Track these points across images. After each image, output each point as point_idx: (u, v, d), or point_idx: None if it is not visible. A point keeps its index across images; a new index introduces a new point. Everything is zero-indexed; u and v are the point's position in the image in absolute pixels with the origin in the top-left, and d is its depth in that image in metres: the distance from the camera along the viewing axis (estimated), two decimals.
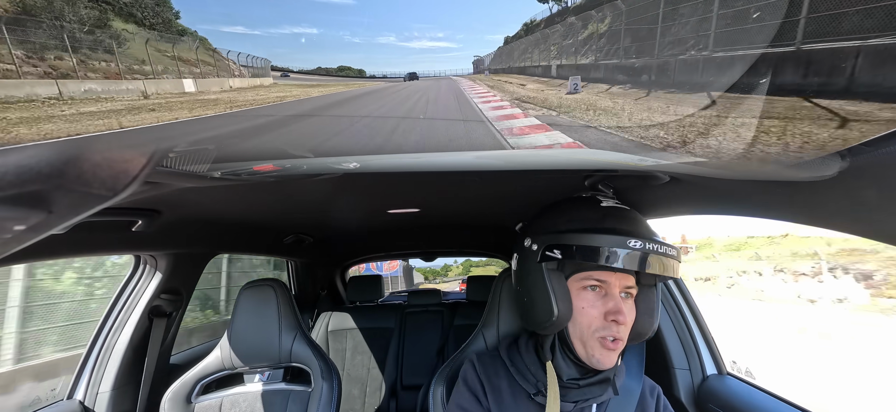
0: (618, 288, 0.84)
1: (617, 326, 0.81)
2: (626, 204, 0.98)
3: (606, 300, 0.83)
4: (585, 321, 0.84)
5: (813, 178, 0.71)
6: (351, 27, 2.32)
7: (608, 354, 0.83)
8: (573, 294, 0.85)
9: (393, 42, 2.31)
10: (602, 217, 0.86)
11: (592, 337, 0.83)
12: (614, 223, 0.84)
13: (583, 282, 0.85)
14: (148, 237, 1.46)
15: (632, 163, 1.02)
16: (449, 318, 2.78)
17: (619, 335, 0.83)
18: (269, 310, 1.56)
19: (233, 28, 2.41)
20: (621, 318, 0.81)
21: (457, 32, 3.54)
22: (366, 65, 2.08)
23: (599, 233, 0.80)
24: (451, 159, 1.15)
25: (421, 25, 2.80)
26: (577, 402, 0.88)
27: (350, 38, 2.19)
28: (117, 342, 1.67)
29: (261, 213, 1.77)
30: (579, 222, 0.86)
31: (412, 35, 2.62)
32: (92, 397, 1.60)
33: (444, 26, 3.39)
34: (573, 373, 0.88)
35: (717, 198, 1.05)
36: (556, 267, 0.86)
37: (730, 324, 8.95)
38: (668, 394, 1.48)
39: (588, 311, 0.84)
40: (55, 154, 0.38)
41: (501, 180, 1.38)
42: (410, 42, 2.45)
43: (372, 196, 1.65)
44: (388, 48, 2.58)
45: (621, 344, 0.84)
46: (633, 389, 0.96)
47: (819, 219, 0.82)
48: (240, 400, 1.55)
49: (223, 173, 0.92)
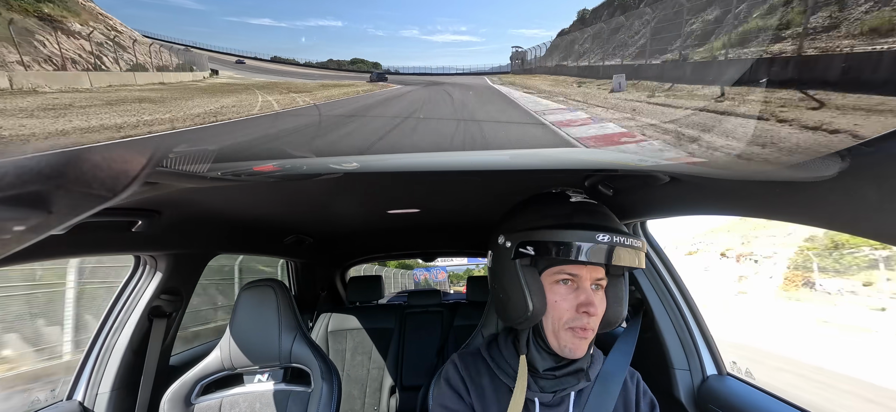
0: (588, 280, 0.87)
1: (588, 317, 0.85)
2: (626, 204, 0.98)
3: (578, 293, 0.87)
4: (557, 314, 0.87)
5: (813, 178, 0.71)
6: (375, 20, 2.20)
7: (579, 343, 0.87)
8: (546, 288, 0.88)
9: (416, 35, 2.19)
10: (571, 212, 0.89)
11: (564, 328, 0.87)
12: (583, 218, 0.87)
13: (555, 276, 0.88)
14: (148, 237, 1.46)
15: (632, 163, 1.02)
16: (449, 319, 2.78)
17: (590, 325, 0.86)
18: (268, 311, 1.56)
19: (260, 20, 2.28)
20: (592, 310, 0.85)
21: (480, 26, 3.36)
22: (388, 59, 1.92)
23: (569, 228, 0.84)
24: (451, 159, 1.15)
25: (444, 19, 2.67)
26: (556, 392, 0.92)
27: (373, 31, 2.09)
28: (117, 343, 1.67)
29: (261, 214, 1.77)
30: (551, 218, 0.88)
31: (436, 29, 2.50)
32: (91, 398, 1.60)
33: (467, 20, 3.19)
34: (548, 363, 0.92)
35: (717, 198, 1.05)
36: (529, 263, 0.89)
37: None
38: (668, 395, 1.49)
39: (560, 304, 0.87)
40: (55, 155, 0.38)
41: (501, 180, 1.38)
42: (433, 35, 2.33)
43: (372, 196, 1.65)
44: (410, 42, 2.45)
45: (592, 333, 0.88)
46: (616, 378, 0.99)
47: (819, 220, 0.82)
48: (240, 400, 1.55)
49: (223, 173, 0.92)
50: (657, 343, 1.53)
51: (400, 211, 1.95)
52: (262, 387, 1.57)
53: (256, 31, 1.12)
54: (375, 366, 2.64)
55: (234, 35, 1.12)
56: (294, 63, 1.30)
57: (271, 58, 1.27)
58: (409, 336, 2.73)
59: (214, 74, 1.46)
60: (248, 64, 1.43)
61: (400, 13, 1.17)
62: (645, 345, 1.58)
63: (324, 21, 1.13)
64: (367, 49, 1.20)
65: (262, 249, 2.59)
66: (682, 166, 0.95)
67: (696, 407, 1.43)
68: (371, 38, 1.15)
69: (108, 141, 1.10)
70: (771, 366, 6.96)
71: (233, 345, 1.54)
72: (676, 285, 1.56)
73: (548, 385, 0.92)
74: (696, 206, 1.18)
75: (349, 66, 1.23)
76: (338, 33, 1.13)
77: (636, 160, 1.00)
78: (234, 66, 1.45)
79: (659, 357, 1.53)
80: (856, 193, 0.67)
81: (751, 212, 0.99)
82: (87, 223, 1.15)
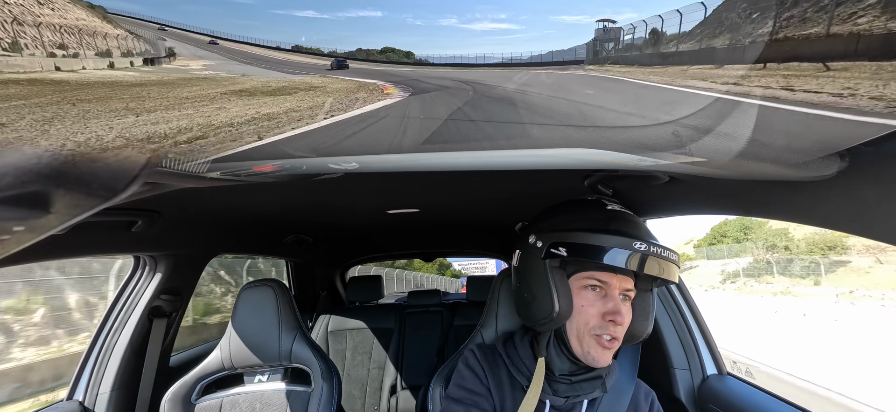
0: (617, 289, 0.86)
1: (614, 326, 0.84)
2: (626, 204, 0.98)
3: (606, 300, 0.85)
4: (584, 319, 0.86)
5: (813, 178, 0.71)
6: (414, 9, 2.16)
7: (604, 352, 0.85)
8: (574, 292, 0.87)
9: (454, 24, 2.15)
10: (608, 219, 0.88)
11: (589, 334, 0.85)
12: (619, 226, 0.86)
13: (584, 281, 0.87)
14: (147, 237, 1.46)
15: (631, 163, 1.02)
16: (449, 319, 2.78)
17: (616, 334, 0.85)
18: (269, 311, 1.56)
19: (304, 12, 2.26)
20: (619, 319, 0.83)
21: (520, 13, 3.27)
22: (423, 48, 1.83)
23: (606, 233, 0.83)
24: (451, 159, 1.15)
25: (484, 6, 2.62)
26: (568, 398, 0.91)
27: (412, 20, 2.05)
28: (117, 343, 1.67)
29: (261, 214, 1.77)
30: (586, 222, 0.88)
31: (474, 17, 2.46)
32: (92, 398, 1.60)
33: (506, 7, 3.10)
34: (566, 367, 0.91)
35: (717, 198, 1.05)
36: (559, 265, 0.88)
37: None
38: (668, 395, 1.49)
39: (587, 310, 0.86)
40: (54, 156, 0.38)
41: (501, 180, 1.38)
42: (472, 24, 2.29)
43: (372, 196, 1.65)
44: (448, 31, 2.41)
45: (617, 343, 0.86)
46: (626, 390, 0.98)
47: (819, 219, 0.82)
48: (240, 400, 1.55)
49: (222, 173, 0.92)
50: (657, 343, 1.53)
51: (399, 210, 1.95)
52: (263, 387, 1.57)
53: (301, 23, 1.11)
54: (375, 366, 2.64)
55: (282, 28, 1.12)
56: (279, 49, 1.23)
57: (293, 47, 1.25)
58: (409, 336, 2.73)
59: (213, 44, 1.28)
60: (220, 45, 1.29)
61: (439, 2, 1.16)
62: (645, 345, 1.58)
63: (364, 12, 1.12)
64: (401, 39, 1.18)
65: (261, 249, 2.59)
66: (682, 166, 0.95)
67: (697, 406, 1.43)
68: (408, 27, 1.14)
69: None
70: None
71: (233, 345, 1.54)
72: (676, 285, 1.56)
73: (562, 389, 0.91)
74: (695, 205, 1.18)
75: (379, 57, 1.21)
76: (377, 24, 1.13)
77: (635, 160, 1.00)
78: (207, 47, 1.30)
79: (659, 357, 1.53)
80: (855, 193, 0.67)
81: (750, 212, 0.99)
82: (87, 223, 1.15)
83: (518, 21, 1.16)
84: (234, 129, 1.01)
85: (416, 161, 1.13)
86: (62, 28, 1.06)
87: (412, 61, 1.21)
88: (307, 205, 1.75)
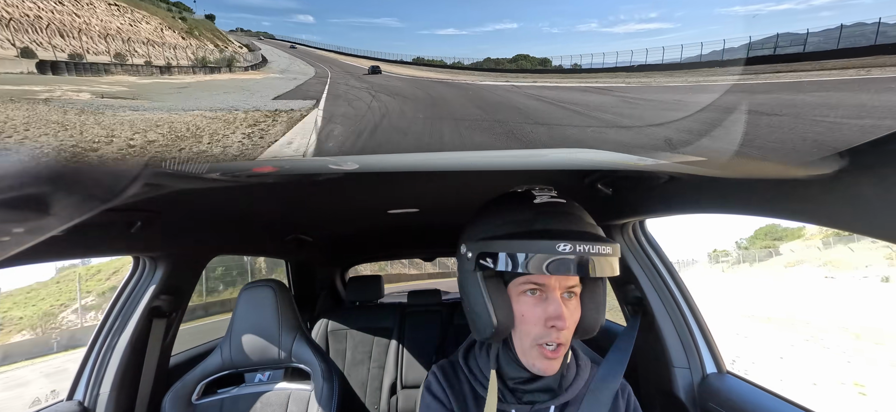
0: (559, 289, 0.80)
1: (556, 332, 0.78)
2: (626, 203, 0.97)
3: (547, 304, 0.79)
4: (526, 329, 0.81)
5: (812, 177, 0.71)
6: (552, 17, 2.08)
7: (549, 363, 0.80)
8: (513, 300, 0.82)
9: (595, 28, 2.04)
10: (533, 218, 0.80)
11: (532, 347, 0.81)
12: (545, 223, 0.79)
13: (521, 287, 0.81)
14: (147, 238, 1.46)
15: (631, 162, 1.02)
16: (448, 318, 2.78)
17: (560, 340, 0.79)
18: (269, 311, 1.56)
19: (445, 31, 2.23)
20: (561, 324, 0.77)
21: (675, 10, 2.94)
22: (562, 53, 1.71)
23: (528, 237, 0.76)
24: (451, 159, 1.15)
25: (629, 6, 2.42)
26: (534, 403, 0.86)
27: (548, 28, 1.98)
28: (117, 343, 1.67)
29: (260, 214, 1.77)
30: (510, 226, 0.80)
31: (618, 19, 2.29)
32: (92, 398, 1.60)
33: (657, 4, 2.79)
34: (521, 375, 0.86)
35: (717, 197, 1.05)
36: (493, 273, 0.82)
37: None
38: (668, 393, 1.49)
39: (528, 317, 0.80)
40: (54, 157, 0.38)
41: (501, 180, 1.38)
42: (615, 27, 2.14)
43: (371, 196, 1.65)
44: (588, 35, 2.26)
45: (563, 348, 0.81)
46: (610, 385, 0.93)
47: (819, 218, 0.82)
48: (240, 400, 1.55)
49: (222, 174, 0.92)
50: (657, 341, 1.54)
51: (399, 211, 1.95)
52: (263, 387, 1.57)
53: (442, 40, 1.16)
54: (375, 365, 2.65)
55: (425, 46, 1.17)
56: (490, 63, 1.30)
57: (414, 59, 1.32)
58: (409, 335, 2.73)
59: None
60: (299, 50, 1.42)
61: (579, 7, 1.15)
62: (645, 344, 1.58)
63: (501, 24, 1.13)
64: (537, 47, 1.18)
65: (261, 250, 2.59)
66: (682, 166, 0.95)
67: (696, 405, 1.43)
68: (545, 36, 1.14)
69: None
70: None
71: (234, 345, 1.54)
72: (676, 283, 1.56)
73: (525, 396, 0.87)
74: (695, 204, 1.18)
75: (509, 65, 1.22)
76: (512, 34, 1.14)
77: (635, 160, 1.00)
78: (289, 51, 1.44)
79: (659, 355, 1.53)
80: (855, 192, 0.67)
81: (750, 211, 0.99)
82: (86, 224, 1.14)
83: (672, 19, 1.11)
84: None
85: (416, 161, 1.13)
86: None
87: (550, 69, 1.20)
88: (307, 205, 1.75)
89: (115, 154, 0.79)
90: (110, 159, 0.50)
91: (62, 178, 0.41)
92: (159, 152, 0.87)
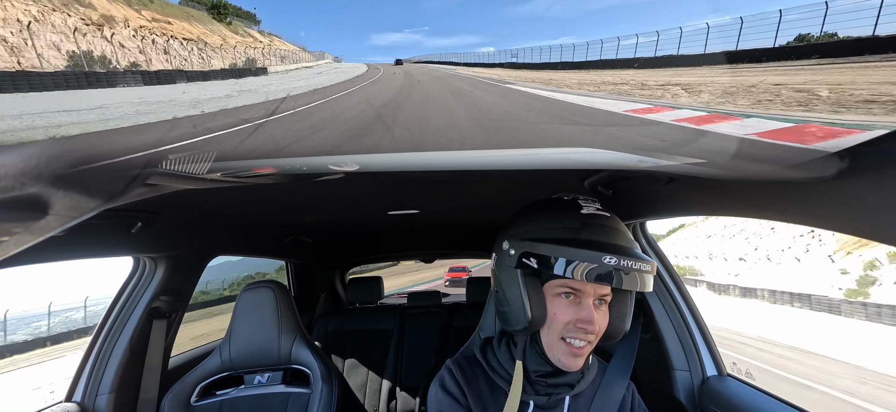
0: (592, 296, 0.85)
1: (585, 334, 0.84)
2: (626, 204, 0.97)
3: (579, 308, 0.84)
4: (556, 326, 0.86)
5: (812, 178, 0.71)
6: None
7: (574, 360, 0.85)
8: (547, 299, 0.87)
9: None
10: (580, 227, 0.85)
11: (559, 343, 0.86)
12: (591, 234, 0.83)
13: (557, 289, 0.86)
14: (147, 238, 1.46)
15: (631, 163, 1.02)
16: (448, 320, 2.77)
17: (587, 340, 0.85)
18: (268, 312, 1.56)
19: (560, 39, 2.15)
20: (591, 328, 0.83)
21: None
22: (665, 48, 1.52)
23: (575, 245, 0.81)
24: (451, 159, 1.15)
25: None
26: (550, 395, 0.92)
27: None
28: (116, 344, 1.67)
29: (260, 215, 1.77)
30: (557, 231, 0.85)
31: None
32: (91, 399, 1.59)
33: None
34: (542, 369, 0.91)
35: (717, 198, 1.05)
36: (532, 273, 0.87)
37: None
38: (668, 396, 1.49)
39: (560, 317, 0.85)
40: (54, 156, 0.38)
41: (501, 180, 1.38)
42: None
43: (372, 197, 1.65)
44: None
45: (589, 348, 0.86)
46: (619, 384, 0.98)
47: (819, 219, 0.82)
48: (240, 402, 1.55)
49: (222, 175, 0.92)
50: (657, 344, 1.53)
51: (399, 212, 1.95)
52: (263, 389, 1.57)
53: (557, 49, 1.32)
54: (375, 367, 2.64)
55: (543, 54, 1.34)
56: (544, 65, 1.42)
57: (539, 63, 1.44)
58: (409, 337, 2.73)
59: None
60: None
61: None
62: (645, 346, 1.58)
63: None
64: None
65: (261, 250, 2.58)
66: (682, 166, 0.95)
67: (697, 407, 1.43)
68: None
69: None
70: None
71: (233, 347, 1.54)
72: (676, 286, 1.56)
73: (543, 388, 0.92)
74: (695, 206, 1.18)
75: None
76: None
77: (635, 160, 1.00)
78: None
79: (659, 358, 1.53)
80: (855, 193, 0.67)
81: (750, 213, 0.99)
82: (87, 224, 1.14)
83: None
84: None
85: (416, 161, 1.13)
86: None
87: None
88: (307, 206, 1.75)
89: (116, 154, 0.79)
90: (110, 159, 0.50)
91: (62, 178, 0.41)
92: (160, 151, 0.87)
